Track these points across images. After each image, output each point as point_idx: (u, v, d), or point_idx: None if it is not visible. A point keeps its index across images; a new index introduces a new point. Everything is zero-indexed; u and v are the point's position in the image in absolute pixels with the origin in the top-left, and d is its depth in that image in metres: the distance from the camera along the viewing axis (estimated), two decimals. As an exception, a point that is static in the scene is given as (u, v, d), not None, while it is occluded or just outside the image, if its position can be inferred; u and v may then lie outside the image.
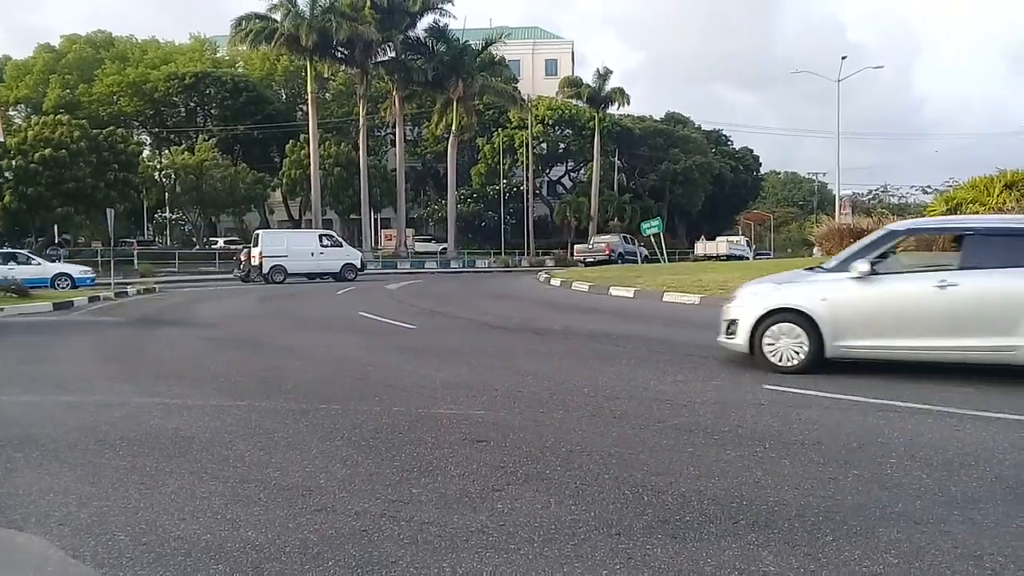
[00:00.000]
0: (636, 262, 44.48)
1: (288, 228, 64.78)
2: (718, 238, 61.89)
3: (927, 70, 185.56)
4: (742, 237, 67.08)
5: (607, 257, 45.48)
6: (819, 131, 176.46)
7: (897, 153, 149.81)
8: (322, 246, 34.75)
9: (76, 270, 29.46)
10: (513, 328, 14.24)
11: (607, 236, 50.57)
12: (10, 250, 32.04)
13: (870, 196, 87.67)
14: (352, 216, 61.74)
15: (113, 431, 6.45)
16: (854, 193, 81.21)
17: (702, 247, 58.72)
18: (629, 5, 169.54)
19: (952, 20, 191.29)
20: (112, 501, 4.75)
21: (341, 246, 36.07)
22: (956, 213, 23.74)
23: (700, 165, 69.70)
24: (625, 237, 50.76)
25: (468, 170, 67.26)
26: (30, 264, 28.73)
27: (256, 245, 33.85)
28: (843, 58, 60.40)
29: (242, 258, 36.11)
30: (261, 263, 33.02)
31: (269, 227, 70.90)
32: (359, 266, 35.84)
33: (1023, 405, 6.87)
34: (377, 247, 61.08)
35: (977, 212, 21.67)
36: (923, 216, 28.65)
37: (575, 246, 50.92)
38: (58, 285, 27.93)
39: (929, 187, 75.71)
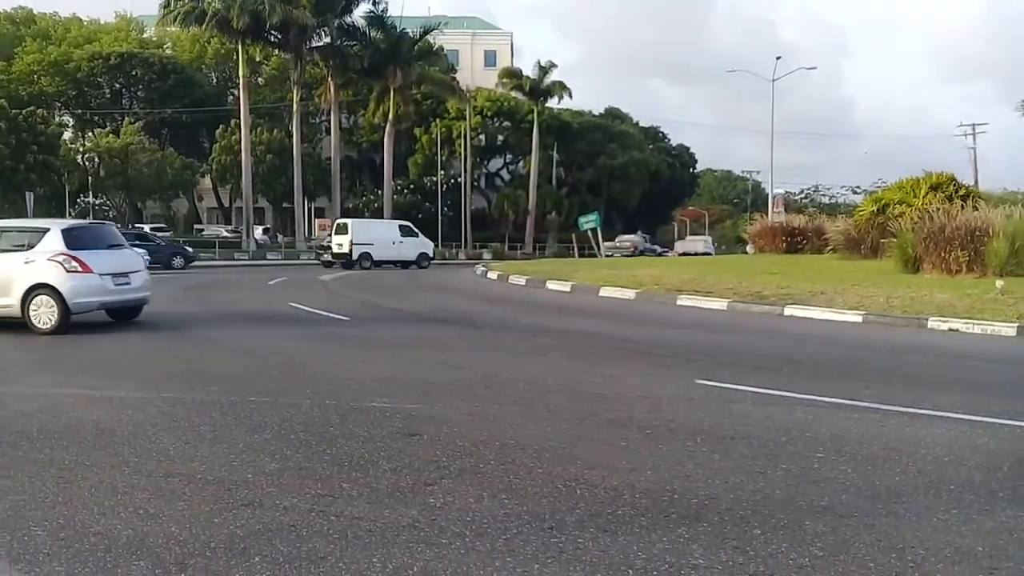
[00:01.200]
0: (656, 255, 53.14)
1: (218, 215, 63.67)
2: (689, 237, 67.28)
3: (855, 71, 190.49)
4: (709, 237, 71.13)
5: (631, 253, 52.10)
6: (753, 129, 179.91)
7: (827, 152, 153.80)
8: (402, 236, 38.40)
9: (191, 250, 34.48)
10: (448, 321, 14.18)
11: (630, 236, 56.81)
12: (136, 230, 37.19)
13: (802, 195, 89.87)
14: (285, 205, 60.81)
15: (30, 423, 6.20)
16: (787, 192, 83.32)
17: (682, 245, 62.63)
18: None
19: (878, 22, 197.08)
20: (29, 495, 4.56)
21: (417, 236, 39.56)
22: (884, 213, 24.51)
23: (637, 161, 70.35)
24: (645, 237, 59.38)
25: (405, 160, 66.68)
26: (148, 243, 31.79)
27: (344, 233, 37.23)
28: (777, 58, 61.78)
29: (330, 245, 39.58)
30: (351, 250, 36.22)
31: (198, 214, 69.66)
32: (431, 255, 39.98)
33: (945, 402, 7.08)
34: (311, 237, 60.23)
35: (904, 212, 22.34)
36: (853, 216, 29.41)
37: (604, 243, 53.61)
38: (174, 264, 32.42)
39: (859, 187, 78.20)
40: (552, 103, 66.49)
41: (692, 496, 4.54)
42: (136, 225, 61.49)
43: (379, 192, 62.40)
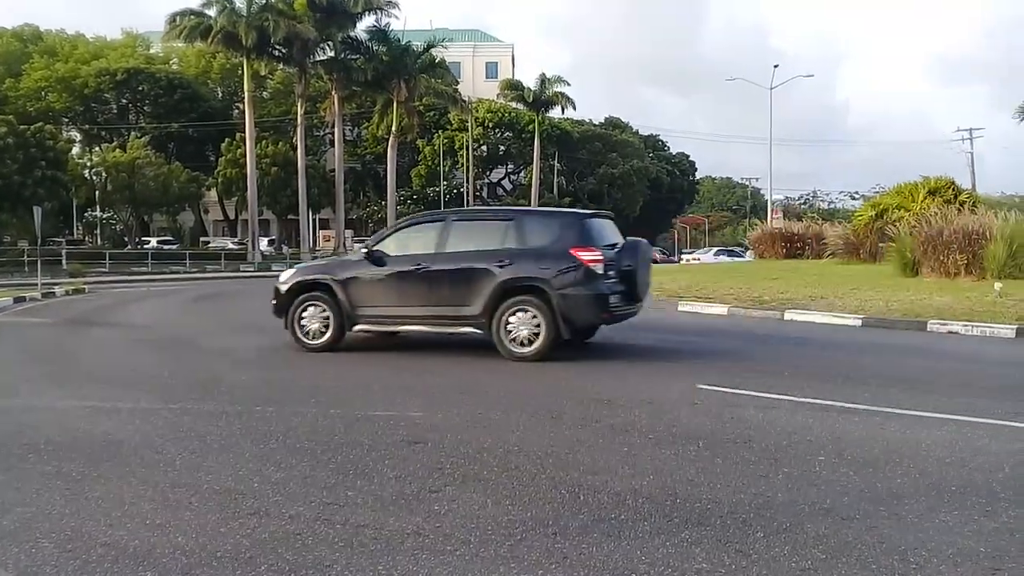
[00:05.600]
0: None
1: (224, 228, 63.96)
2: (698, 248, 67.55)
3: (849, 77, 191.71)
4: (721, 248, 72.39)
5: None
6: (751, 137, 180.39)
7: (825, 159, 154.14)
8: None
9: None
10: (452, 330, 14.20)
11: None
12: None
13: (801, 201, 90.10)
14: (290, 216, 60.97)
15: (38, 435, 6.25)
16: (786, 198, 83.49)
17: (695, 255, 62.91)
18: (557, 6, 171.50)
19: (871, 28, 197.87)
20: (36, 507, 4.60)
21: None
22: (883, 218, 24.54)
23: (638, 169, 70.59)
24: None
25: (408, 171, 66.95)
26: None
27: None
28: (775, 66, 61.44)
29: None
30: None
31: (204, 227, 69.87)
32: None
33: (946, 404, 7.10)
34: (315, 248, 60.40)
35: (902, 217, 22.36)
36: (852, 221, 29.44)
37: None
38: None
39: (857, 193, 78.38)
40: (555, 113, 66.74)
41: (694, 500, 4.57)
42: (144, 238, 62.03)
43: (383, 203, 62.53)
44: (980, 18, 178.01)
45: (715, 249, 50.46)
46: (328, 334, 10.46)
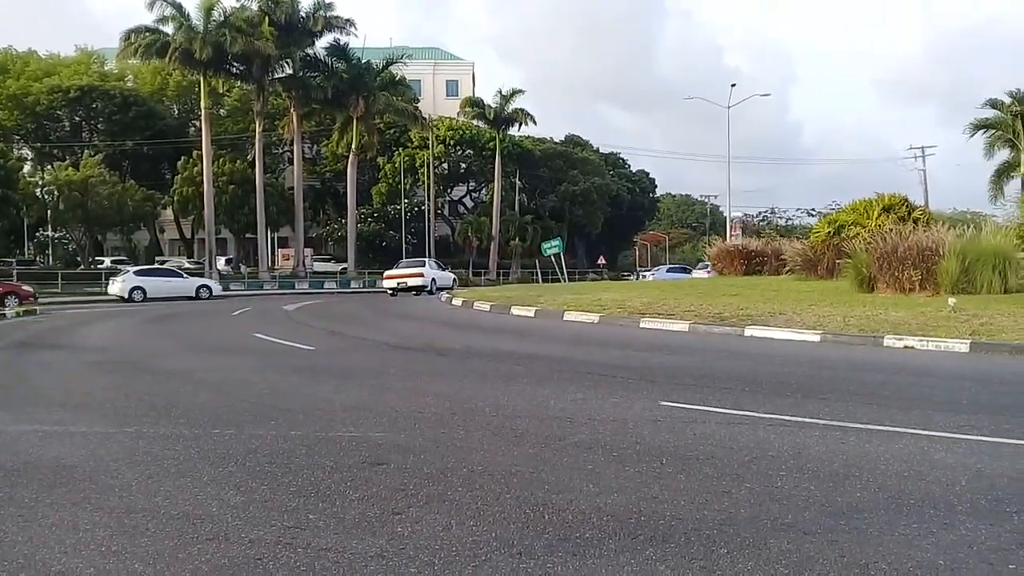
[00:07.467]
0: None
1: (180, 247, 63.06)
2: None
3: (802, 97, 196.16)
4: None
5: None
6: (710, 155, 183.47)
7: (780, 176, 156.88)
8: None
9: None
10: (414, 348, 14.15)
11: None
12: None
13: (759, 218, 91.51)
14: (247, 235, 60.42)
15: (-13, 462, 6.08)
16: (745, 215, 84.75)
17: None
18: (507, 24, 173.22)
19: (823, 48, 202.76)
20: (-13, 535, 4.47)
21: None
22: (839, 234, 24.95)
23: (598, 187, 71.16)
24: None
25: (369, 189, 66.76)
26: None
27: None
28: (732, 85, 62.35)
29: None
30: None
31: (160, 246, 68.90)
32: None
33: (903, 418, 7.21)
34: (274, 267, 59.85)
35: (858, 233, 22.73)
36: (809, 237, 29.92)
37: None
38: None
39: (814, 209, 79.88)
40: (513, 130, 67.11)
41: (659, 517, 4.57)
42: (98, 257, 60.94)
43: (343, 221, 62.28)
44: (927, 40, 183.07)
45: (667, 267, 50.66)
46: None
